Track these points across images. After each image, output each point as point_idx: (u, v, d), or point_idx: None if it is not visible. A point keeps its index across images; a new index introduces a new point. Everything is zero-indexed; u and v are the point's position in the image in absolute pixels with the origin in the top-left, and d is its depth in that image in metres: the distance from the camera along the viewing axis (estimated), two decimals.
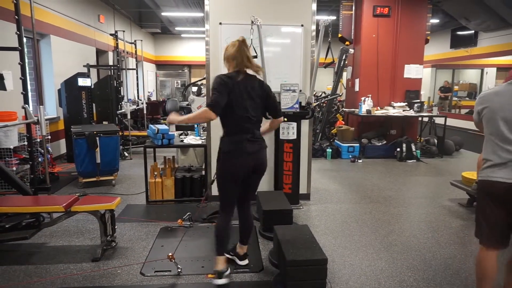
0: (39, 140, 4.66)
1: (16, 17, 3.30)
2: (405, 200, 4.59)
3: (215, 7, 4.03)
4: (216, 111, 2.32)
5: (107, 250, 3.07)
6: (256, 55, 3.86)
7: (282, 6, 4.09)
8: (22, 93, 3.38)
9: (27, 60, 3.49)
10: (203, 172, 4.43)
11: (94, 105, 6.57)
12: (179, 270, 2.72)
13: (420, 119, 7.72)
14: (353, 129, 7.35)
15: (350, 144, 7.05)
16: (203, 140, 4.40)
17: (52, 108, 6.53)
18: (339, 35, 7.80)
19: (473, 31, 10.48)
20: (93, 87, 6.57)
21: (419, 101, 7.38)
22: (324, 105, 8.24)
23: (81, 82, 6.02)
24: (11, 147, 4.36)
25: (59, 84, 6.17)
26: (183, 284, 2.62)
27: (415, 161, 6.83)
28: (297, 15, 4.10)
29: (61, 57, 6.68)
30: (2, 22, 4.88)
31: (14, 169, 4.39)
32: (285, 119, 3.95)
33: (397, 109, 7.21)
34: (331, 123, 8.38)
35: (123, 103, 7.33)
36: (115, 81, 7.14)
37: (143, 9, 10.73)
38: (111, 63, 8.97)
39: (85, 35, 7.85)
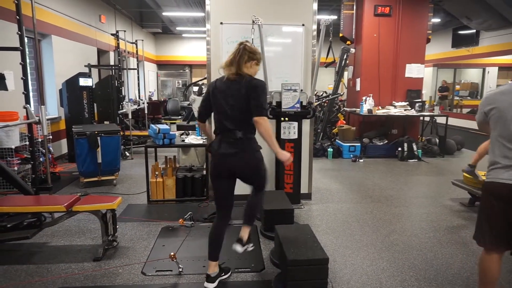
0: (40, 140, 4.66)
1: (17, 17, 3.31)
2: (406, 199, 4.58)
3: (216, 6, 4.03)
4: (200, 119, 2.63)
5: (108, 249, 3.07)
6: None
7: (283, 5, 4.09)
8: (23, 93, 3.39)
9: (28, 60, 3.50)
10: (204, 172, 4.44)
11: (95, 105, 6.59)
12: (181, 269, 2.72)
13: (421, 118, 7.71)
14: (354, 129, 7.35)
15: (351, 143, 7.04)
16: (204, 140, 4.40)
17: (53, 108, 6.54)
18: (340, 35, 7.79)
19: (474, 30, 10.45)
20: (94, 87, 6.58)
21: (420, 100, 7.37)
22: (325, 104, 8.23)
23: (82, 82, 6.03)
24: (13, 147, 4.38)
25: (61, 84, 6.18)
26: (185, 283, 2.62)
27: (416, 160, 6.81)
28: (298, 15, 4.10)
29: (62, 57, 6.69)
30: (3, 22, 4.89)
31: (15, 169, 4.40)
32: (286, 119, 3.96)
33: (399, 109, 7.20)
34: (332, 123, 8.37)
35: (124, 103, 7.35)
36: (116, 81, 7.16)
37: (144, 9, 10.73)
38: (112, 63, 8.99)
39: (86, 35, 7.86)
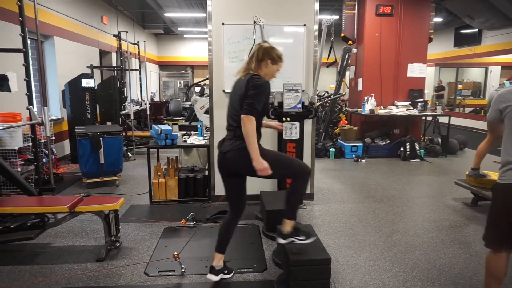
0: (43, 141, 4.68)
1: (20, 19, 3.32)
2: (409, 199, 4.57)
3: (217, 7, 4.03)
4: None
5: (111, 250, 3.08)
6: None
7: (284, 6, 4.09)
8: (26, 94, 3.40)
9: (31, 61, 3.51)
10: (206, 172, 4.44)
11: (97, 106, 6.61)
12: (183, 270, 2.73)
13: (423, 118, 7.69)
14: (356, 129, 7.33)
15: (353, 143, 7.03)
16: (206, 140, 4.41)
17: (56, 109, 6.57)
18: (342, 35, 7.79)
19: (477, 30, 10.42)
20: (96, 88, 6.61)
21: (422, 100, 7.35)
22: (327, 104, 8.23)
23: (85, 83, 6.05)
24: (16, 148, 4.40)
25: (63, 85, 6.21)
26: (187, 284, 2.63)
27: (418, 160, 6.80)
28: (299, 15, 4.10)
29: (64, 58, 6.72)
30: (6, 23, 4.92)
31: (19, 170, 4.42)
32: (288, 119, 3.95)
33: (401, 108, 7.19)
34: (334, 123, 8.37)
35: (126, 103, 7.36)
36: (119, 82, 7.19)
37: (146, 10, 10.76)
38: (114, 64, 9.02)
39: (89, 36, 7.89)
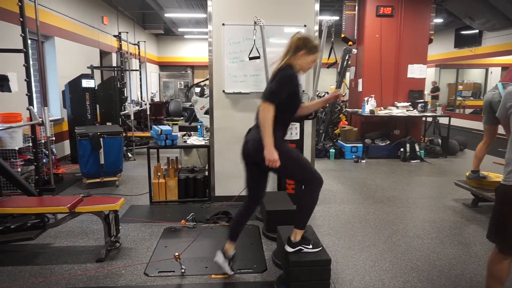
0: (43, 141, 4.68)
1: (21, 19, 3.32)
2: (409, 200, 4.57)
3: (218, 8, 4.03)
4: None
5: (111, 250, 3.08)
6: (259, 55, 3.87)
7: (284, 6, 4.09)
8: (26, 95, 3.40)
9: (31, 62, 3.51)
10: (206, 172, 4.44)
11: (97, 106, 6.61)
12: (183, 270, 2.73)
13: (423, 119, 7.69)
14: (356, 129, 7.34)
15: (353, 144, 7.03)
16: (206, 141, 4.41)
17: (56, 109, 6.57)
18: (342, 35, 7.79)
19: (477, 31, 10.43)
20: (96, 88, 6.61)
21: (422, 101, 7.35)
22: (327, 105, 8.22)
23: (85, 83, 6.06)
24: (16, 148, 4.40)
25: (63, 85, 6.21)
26: (187, 284, 2.63)
27: (418, 161, 6.80)
28: (299, 16, 4.10)
29: (65, 59, 6.72)
30: (7, 24, 4.92)
31: (19, 170, 4.42)
32: None
33: (401, 109, 7.19)
34: (334, 124, 8.37)
35: (126, 104, 7.37)
36: (119, 82, 7.19)
37: (146, 10, 10.77)
38: (114, 64, 9.02)
39: (89, 36, 7.89)
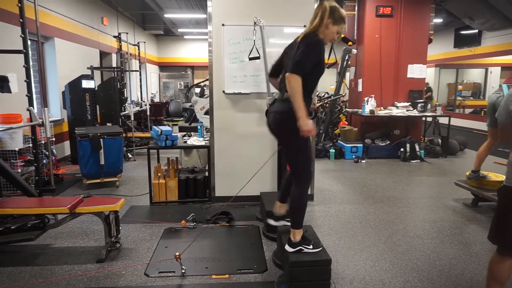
0: (43, 142, 4.68)
1: (20, 20, 3.33)
2: (409, 200, 4.57)
3: (217, 8, 4.04)
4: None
5: (111, 251, 3.08)
6: (259, 56, 3.88)
7: (284, 7, 4.09)
8: (26, 96, 3.40)
9: (31, 62, 3.52)
10: (207, 173, 4.44)
11: (98, 106, 6.61)
12: (183, 271, 2.73)
13: (423, 119, 7.69)
14: (356, 130, 7.33)
15: (353, 144, 7.03)
16: (207, 141, 4.41)
17: (56, 110, 6.57)
18: (342, 36, 7.79)
19: (476, 30, 10.43)
20: (96, 89, 6.61)
21: (422, 101, 7.35)
22: (327, 105, 8.23)
23: (85, 84, 6.06)
24: (16, 149, 4.40)
25: (63, 86, 6.21)
26: (187, 285, 2.63)
27: (419, 161, 6.80)
28: (299, 16, 4.09)
29: (65, 60, 6.72)
30: (7, 25, 4.92)
31: (19, 171, 4.42)
32: None
33: (401, 109, 7.19)
34: (334, 124, 8.37)
35: (126, 104, 7.36)
36: (119, 83, 7.19)
37: (146, 11, 10.77)
38: (114, 65, 9.02)
39: (89, 37, 7.90)
